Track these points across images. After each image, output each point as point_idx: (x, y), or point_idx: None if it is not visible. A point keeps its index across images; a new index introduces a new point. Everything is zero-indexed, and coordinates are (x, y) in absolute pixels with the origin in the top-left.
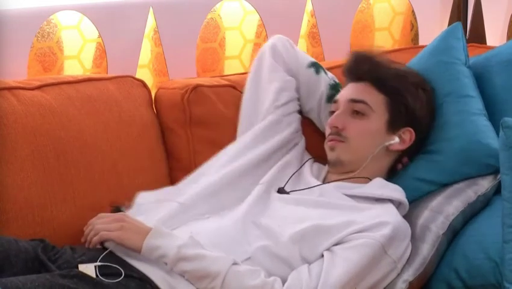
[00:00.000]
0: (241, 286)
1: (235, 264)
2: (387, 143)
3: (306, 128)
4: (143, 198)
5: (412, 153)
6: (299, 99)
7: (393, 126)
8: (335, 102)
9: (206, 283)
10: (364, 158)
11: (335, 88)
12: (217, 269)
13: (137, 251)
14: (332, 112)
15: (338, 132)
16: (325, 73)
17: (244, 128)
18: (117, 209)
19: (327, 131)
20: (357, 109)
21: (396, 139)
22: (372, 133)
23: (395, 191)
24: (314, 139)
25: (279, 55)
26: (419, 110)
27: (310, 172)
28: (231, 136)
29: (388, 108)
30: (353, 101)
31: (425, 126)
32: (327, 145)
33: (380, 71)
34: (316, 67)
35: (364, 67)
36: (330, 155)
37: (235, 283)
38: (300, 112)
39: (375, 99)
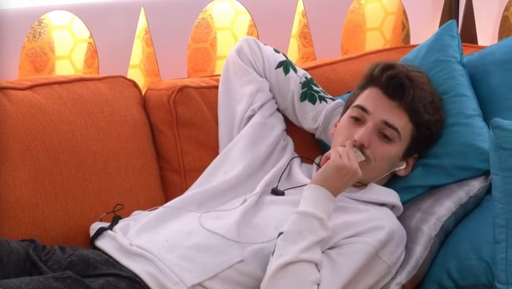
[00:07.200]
0: None
1: None
2: (396, 169)
3: (293, 131)
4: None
5: None
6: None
7: (407, 154)
8: (364, 110)
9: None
10: (374, 179)
11: (306, 86)
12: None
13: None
14: (354, 118)
15: (360, 149)
16: (295, 71)
17: (224, 133)
18: (117, 218)
19: (341, 140)
20: (387, 134)
21: (404, 165)
22: (391, 158)
23: (389, 195)
24: (300, 141)
25: (246, 57)
26: (436, 139)
27: (301, 172)
28: (218, 138)
29: (412, 138)
30: (387, 125)
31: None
32: None
33: (419, 103)
34: (285, 66)
35: (407, 94)
36: None
37: None
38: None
39: (405, 128)
